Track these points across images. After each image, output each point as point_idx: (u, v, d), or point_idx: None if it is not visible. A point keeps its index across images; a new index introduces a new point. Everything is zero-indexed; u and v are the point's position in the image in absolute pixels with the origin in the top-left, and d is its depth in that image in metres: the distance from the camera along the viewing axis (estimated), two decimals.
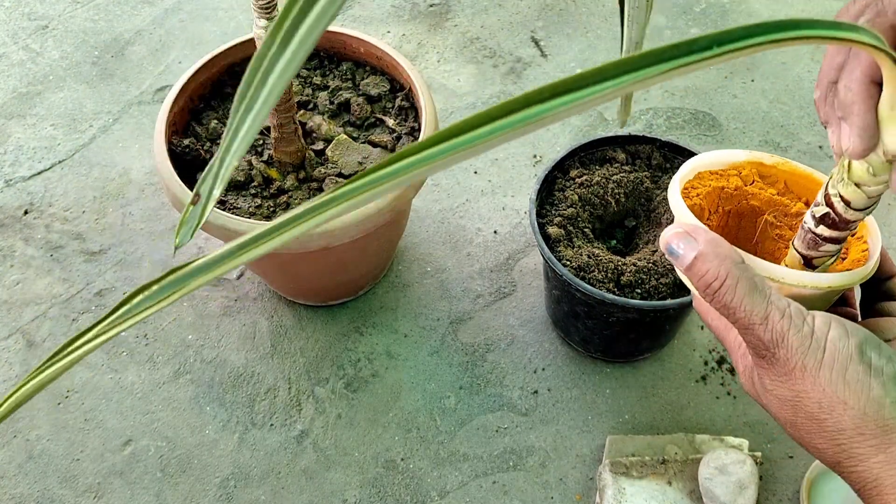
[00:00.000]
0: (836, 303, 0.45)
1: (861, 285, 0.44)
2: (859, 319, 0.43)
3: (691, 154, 0.77)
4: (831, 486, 0.71)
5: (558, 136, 1.02)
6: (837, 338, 0.35)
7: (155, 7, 1.21)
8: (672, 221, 0.45)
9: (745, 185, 0.48)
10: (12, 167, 1.00)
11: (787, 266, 0.42)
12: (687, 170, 0.48)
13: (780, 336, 0.35)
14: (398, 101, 0.81)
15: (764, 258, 0.41)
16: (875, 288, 0.43)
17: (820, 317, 0.36)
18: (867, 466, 0.33)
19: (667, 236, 0.39)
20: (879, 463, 0.33)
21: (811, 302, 0.42)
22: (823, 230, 0.40)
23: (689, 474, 0.71)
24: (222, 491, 0.74)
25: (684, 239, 0.38)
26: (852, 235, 0.44)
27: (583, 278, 0.69)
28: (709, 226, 0.45)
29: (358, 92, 0.82)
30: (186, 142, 0.75)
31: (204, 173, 0.28)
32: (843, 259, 0.44)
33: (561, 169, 0.77)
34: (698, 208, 0.47)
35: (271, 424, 0.78)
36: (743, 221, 0.50)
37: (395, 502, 0.73)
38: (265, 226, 0.24)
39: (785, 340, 0.35)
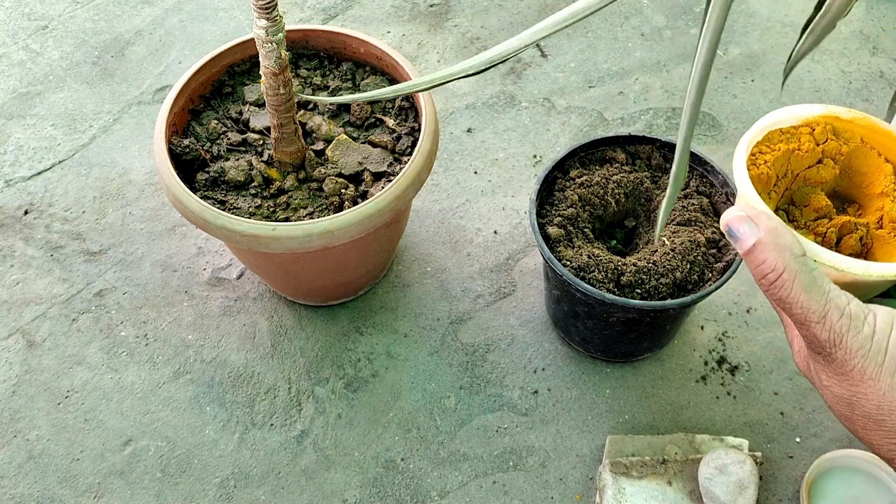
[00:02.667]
0: None
1: None
2: None
3: (692, 154, 0.77)
4: (831, 486, 0.71)
5: (558, 136, 1.02)
6: None
7: (155, 7, 1.21)
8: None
9: (818, 145, 0.45)
10: (12, 167, 1.00)
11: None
12: (755, 131, 0.44)
13: (839, 337, 0.34)
14: (398, 102, 0.81)
15: (832, 233, 0.40)
16: None
17: (882, 316, 0.35)
18: None
19: (728, 218, 0.38)
20: None
21: (869, 287, 0.40)
22: None
23: (689, 474, 0.71)
24: (222, 491, 0.74)
25: (745, 224, 0.37)
26: None
27: (583, 278, 0.69)
28: (776, 192, 0.43)
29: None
30: (186, 142, 0.75)
31: None
32: None
33: (561, 169, 0.77)
34: (765, 177, 0.44)
35: (271, 424, 0.78)
36: (811, 186, 0.46)
37: (395, 502, 0.73)
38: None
39: (844, 342, 0.34)
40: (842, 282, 0.39)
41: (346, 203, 0.73)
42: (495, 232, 0.92)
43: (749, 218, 0.37)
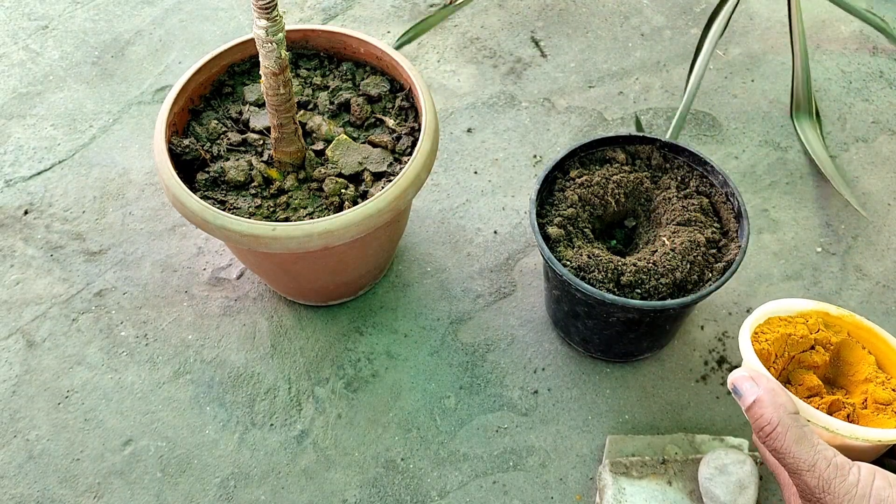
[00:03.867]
0: (886, 454, 0.50)
1: None
2: None
3: (692, 154, 0.77)
4: None
5: (558, 136, 1.02)
6: (881, 487, 0.39)
7: (155, 7, 1.21)
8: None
9: (811, 333, 0.53)
10: (12, 167, 1.00)
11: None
12: (759, 314, 0.52)
13: (827, 483, 0.39)
14: (398, 102, 0.81)
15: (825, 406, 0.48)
16: None
17: (865, 468, 0.40)
18: None
19: (733, 377, 0.45)
20: None
21: (862, 452, 0.46)
22: None
23: (689, 474, 0.71)
24: (222, 491, 0.74)
25: (748, 382, 0.44)
26: None
27: (583, 278, 0.69)
28: (775, 368, 0.51)
29: (358, 92, 0.82)
30: (186, 142, 0.75)
31: None
32: None
33: (561, 169, 0.77)
34: (766, 353, 0.51)
35: (271, 424, 0.78)
36: (805, 368, 0.54)
37: (395, 502, 0.73)
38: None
39: (831, 487, 0.39)
40: (833, 444, 0.45)
41: (346, 203, 0.73)
42: (495, 232, 0.92)
43: (751, 378, 0.43)
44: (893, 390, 0.50)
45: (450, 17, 1.18)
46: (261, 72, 0.69)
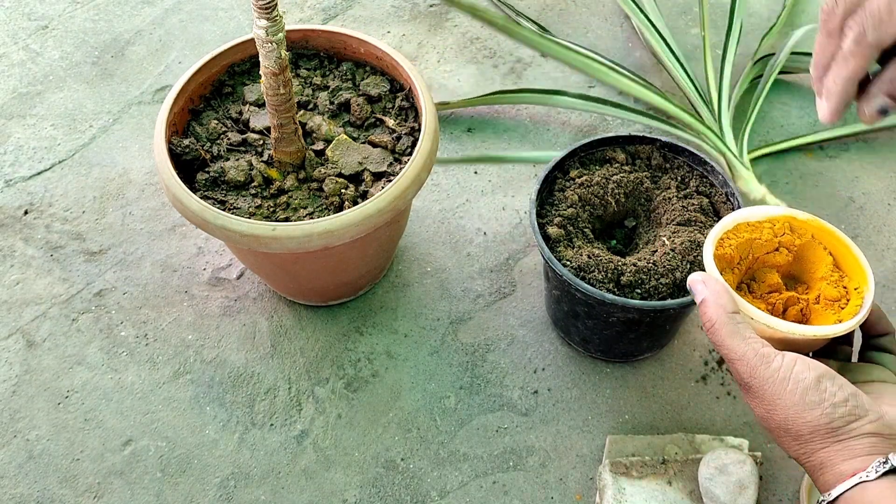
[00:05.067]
0: (840, 341, 0.57)
1: (862, 334, 0.56)
2: (854, 360, 0.56)
3: (692, 154, 0.77)
4: None
5: (558, 136, 1.02)
6: (800, 371, 0.46)
7: (155, 7, 1.21)
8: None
9: (776, 237, 0.57)
10: (12, 167, 1.00)
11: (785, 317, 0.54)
12: (727, 221, 0.57)
13: (753, 370, 0.47)
14: (398, 102, 0.81)
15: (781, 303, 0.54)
16: (870, 339, 0.56)
17: (789, 356, 0.47)
18: (818, 456, 0.45)
19: (690, 279, 0.52)
20: (825, 453, 0.45)
21: (802, 345, 0.52)
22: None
23: (689, 474, 0.71)
24: (222, 491, 0.74)
25: (699, 285, 0.51)
26: (856, 289, 0.54)
27: (583, 278, 0.69)
28: (739, 269, 0.56)
29: (358, 92, 0.82)
30: (186, 142, 0.75)
31: None
32: (843, 308, 0.54)
33: (561, 169, 0.77)
34: (728, 257, 0.56)
35: (271, 424, 0.78)
36: (769, 267, 0.59)
37: (395, 502, 0.73)
38: None
39: (757, 373, 0.47)
40: (774, 338, 0.51)
41: (346, 203, 0.73)
42: (495, 232, 0.92)
43: (703, 281, 0.51)
44: (844, 288, 0.55)
45: (450, 17, 1.18)
46: (261, 72, 0.69)
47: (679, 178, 0.77)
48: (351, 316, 0.86)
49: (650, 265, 0.69)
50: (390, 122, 0.80)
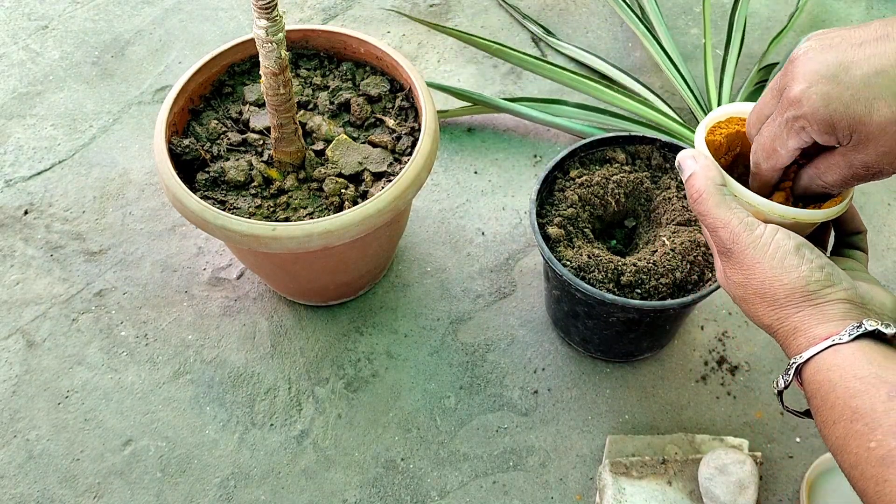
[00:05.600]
0: (813, 238, 0.55)
1: (834, 231, 0.57)
2: (827, 255, 0.55)
3: None
4: (831, 486, 0.72)
5: (558, 136, 1.02)
6: (781, 238, 0.47)
7: (155, 7, 1.21)
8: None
9: None
10: (12, 167, 1.00)
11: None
12: (720, 112, 0.57)
13: (736, 236, 0.48)
14: (398, 102, 0.81)
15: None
16: (843, 237, 0.57)
17: (771, 226, 0.48)
18: (791, 321, 0.46)
19: (680, 155, 0.52)
20: (799, 317, 0.46)
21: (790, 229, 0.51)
22: None
23: (689, 474, 0.71)
24: (222, 491, 0.74)
25: (689, 160, 0.51)
26: None
27: (583, 278, 0.69)
28: (726, 159, 0.57)
29: (358, 92, 0.82)
30: (186, 142, 0.75)
31: None
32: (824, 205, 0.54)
33: (561, 169, 0.77)
34: (717, 143, 0.56)
35: (271, 424, 0.78)
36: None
37: (395, 502, 0.73)
38: None
39: (739, 239, 0.48)
40: (758, 219, 0.50)
41: (346, 203, 0.73)
42: (495, 232, 0.92)
43: (692, 156, 0.51)
44: None
45: (450, 17, 1.18)
46: (261, 72, 0.69)
47: (679, 177, 0.77)
48: (351, 316, 0.86)
49: (650, 265, 0.69)
50: (390, 122, 0.80)
